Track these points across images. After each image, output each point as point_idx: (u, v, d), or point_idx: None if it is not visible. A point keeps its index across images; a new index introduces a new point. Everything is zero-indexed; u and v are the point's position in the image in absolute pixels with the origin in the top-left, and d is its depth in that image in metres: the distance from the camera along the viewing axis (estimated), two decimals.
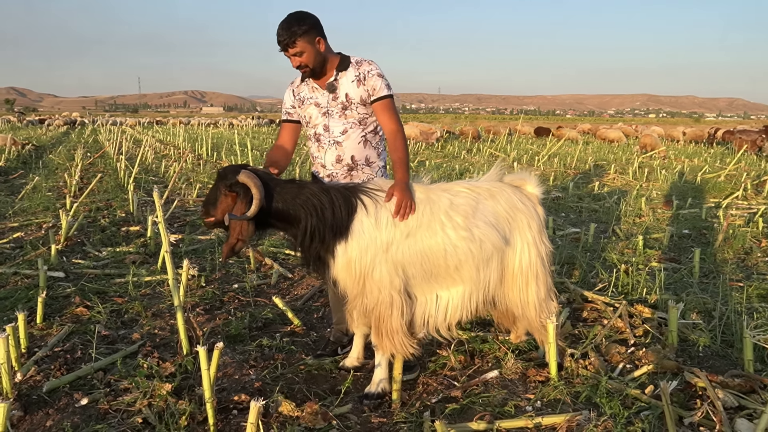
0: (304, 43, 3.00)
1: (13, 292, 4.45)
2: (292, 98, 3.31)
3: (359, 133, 3.20)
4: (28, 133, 30.37)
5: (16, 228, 6.89)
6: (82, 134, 30.92)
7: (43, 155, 17.13)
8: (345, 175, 3.23)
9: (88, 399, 2.88)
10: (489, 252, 2.92)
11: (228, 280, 4.93)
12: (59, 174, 12.21)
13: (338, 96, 3.16)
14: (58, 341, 3.57)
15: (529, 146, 21.94)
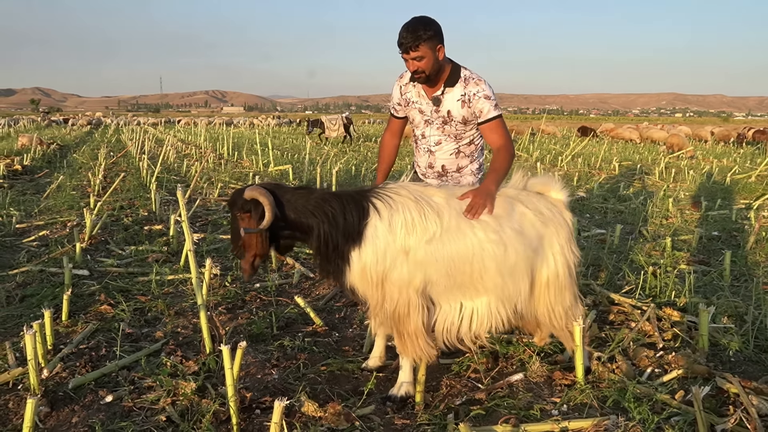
0: (426, 49, 3.06)
1: (39, 290, 4.53)
2: (399, 96, 3.44)
3: (453, 146, 3.36)
4: (52, 132, 30.95)
5: (41, 226, 7.02)
6: (105, 134, 31.42)
7: (67, 155, 17.44)
8: (435, 178, 3.46)
9: (113, 396, 2.92)
10: (513, 259, 2.80)
11: (250, 280, 4.95)
12: (83, 173, 12.41)
13: (441, 111, 3.28)
14: (83, 339, 3.62)
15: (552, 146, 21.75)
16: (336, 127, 23.31)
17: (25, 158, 14.16)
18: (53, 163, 14.91)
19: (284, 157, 15.38)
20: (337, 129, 23.27)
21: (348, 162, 14.41)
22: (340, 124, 23.27)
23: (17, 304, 4.31)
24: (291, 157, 15.32)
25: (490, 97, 3.17)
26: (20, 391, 2.96)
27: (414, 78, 3.22)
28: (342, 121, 23.36)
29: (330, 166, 12.84)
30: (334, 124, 23.42)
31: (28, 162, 13.71)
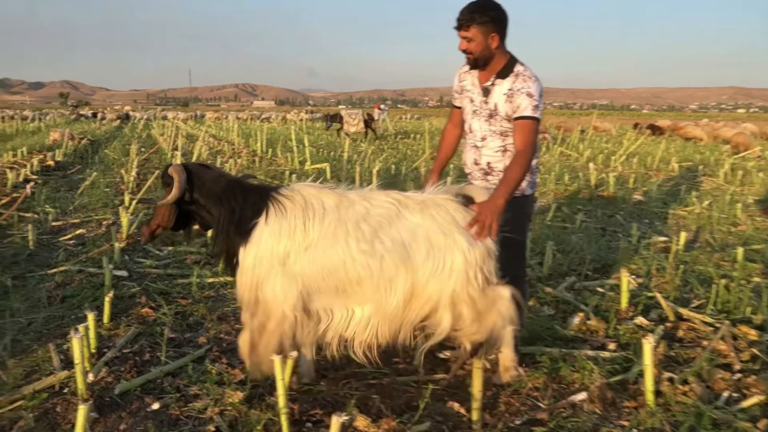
0: (477, 32, 3.10)
1: (79, 290, 4.67)
2: (457, 82, 3.48)
3: (499, 143, 3.32)
4: (82, 127, 31.83)
5: (77, 224, 7.23)
6: (134, 129, 32.18)
7: (98, 150, 17.91)
8: (481, 178, 3.41)
9: (160, 404, 2.99)
10: (391, 271, 2.81)
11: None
12: (115, 170, 12.73)
13: (489, 102, 3.27)
14: (126, 342, 3.72)
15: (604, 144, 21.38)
16: (356, 122, 23.39)
17: (57, 154, 14.59)
18: (85, 158, 15.34)
19: (320, 154, 15.49)
20: (356, 124, 23.35)
21: (387, 160, 14.44)
22: (360, 119, 23.32)
23: (58, 305, 4.45)
24: (327, 155, 15.43)
25: (533, 95, 3.12)
26: (67, 395, 3.06)
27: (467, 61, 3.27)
28: (362, 116, 23.43)
29: (368, 164, 12.88)
30: (353, 119, 23.50)
31: (60, 158, 14.13)
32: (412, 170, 12.38)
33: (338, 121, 24.49)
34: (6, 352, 3.61)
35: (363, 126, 23.18)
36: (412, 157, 15.82)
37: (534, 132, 3.14)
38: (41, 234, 6.63)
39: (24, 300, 4.52)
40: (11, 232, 6.70)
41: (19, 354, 3.60)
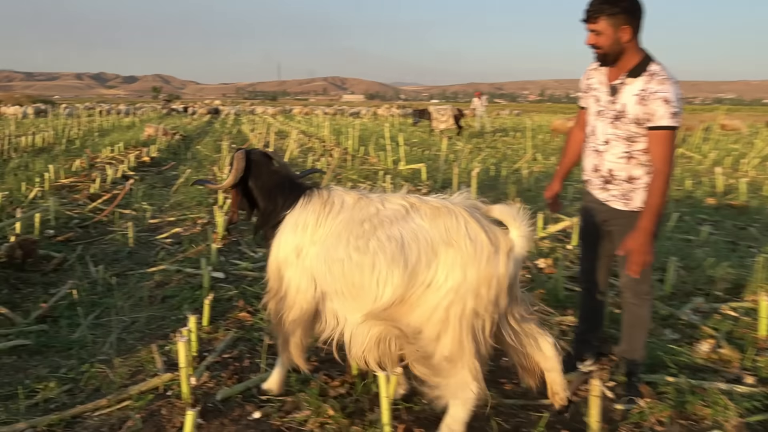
0: (606, 25, 3.03)
1: (179, 291, 4.96)
2: (584, 81, 3.42)
3: (623, 149, 3.19)
4: (174, 121, 33.63)
5: (173, 222, 7.66)
6: (224, 124, 33.63)
7: (190, 146, 18.87)
8: (600, 186, 3.32)
9: (261, 413, 3.12)
10: (384, 270, 2.72)
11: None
12: (207, 166, 13.36)
13: (616, 102, 3.16)
14: (226, 347, 3.91)
15: (732, 145, 20.19)
16: (444, 118, 23.30)
17: (152, 150, 15.50)
18: (178, 154, 16.20)
19: (414, 152, 15.58)
20: (445, 120, 23.25)
21: (485, 160, 14.32)
22: (449, 115, 23.21)
23: (159, 305, 4.74)
24: (421, 154, 15.49)
25: (670, 101, 2.95)
26: (171, 398, 3.25)
27: (595, 57, 3.19)
28: (453, 111, 23.28)
29: (466, 164, 12.81)
30: (442, 115, 23.41)
31: (155, 153, 15.01)
32: (513, 172, 12.22)
33: (426, 117, 24.56)
34: (112, 350, 3.89)
35: (452, 122, 23.11)
36: (512, 157, 15.61)
37: (673, 144, 3.01)
38: (140, 231, 7.08)
39: (127, 298, 4.85)
40: (112, 229, 7.20)
41: (124, 353, 3.87)
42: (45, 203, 7.82)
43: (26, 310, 4.54)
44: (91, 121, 29.42)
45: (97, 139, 18.91)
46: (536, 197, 9.37)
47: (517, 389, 3.49)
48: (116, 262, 5.95)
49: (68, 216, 7.56)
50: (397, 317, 2.75)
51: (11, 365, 3.72)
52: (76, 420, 3.08)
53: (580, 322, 3.72)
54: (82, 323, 4.27)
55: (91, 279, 5.28)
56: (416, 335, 2.73)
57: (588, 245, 3.56)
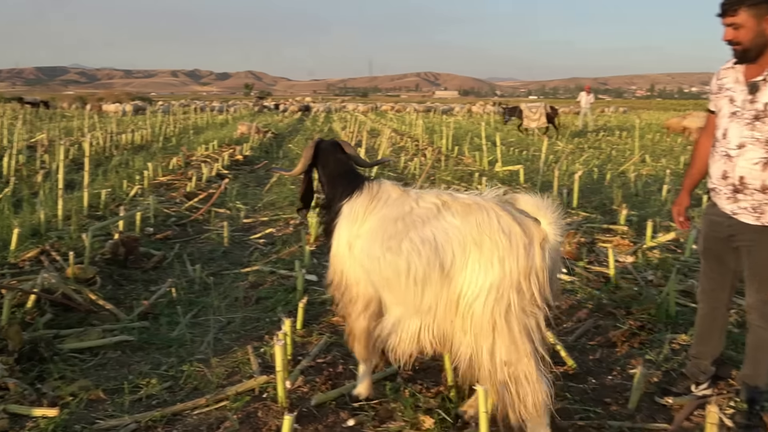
0: (747, 16, 2.90)
1: (273, 293, 5.15)
2: (715, 82, 3.27)
3: (761, 154, 3.00)
4: (266, 119, 34.77)
5: (266, 222, 7.95)
6: (315, 121, 34.45)
7: (282, 144, 19.47)
8: (728, 196, 3.13)
9: (355, 420, 3.20)
10: (420, 273, 2.77)
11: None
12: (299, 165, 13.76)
13: (756, 101, 3.00)
14: (320, 352, 4.03)
15: None
16: (536, 116, 22.82)
17: (245, 148, 16.12)
18: (270, 153, 16.77)
19: (511, 153, 15.40)
20: (537, 119, 22.77)
21: (588, 162, 13.95)
22: (541, 113, 22.72)
23: (253, 306, 4.94)
24: (519, 154, 15.29)
25: None
26: (267, 400, 3.39)
27: (734, 54, 3.03)
28: (545, 109, 22.76)
29: (567, 166, 12.52)
30: (534, 113, 22.95)
31: (247, 152, 15.60)
32: (619, 175, 11.84)
33: (517, 115, 24.22)
34: (210, 349, 4.10)
35: (545, 120, 22.67)
36: (617, 158, 15.13)
37: None
38: (234, 231, 7.39)
39: (223, 298, 5.08)
40: (207, 228, 7.56)
41: (221, 353, 4.06)
42: (145, 201, 8.31)
43: (129, 306, 4.85)
44: (186, 119, 30.89)
45: (192, 137, 19.83)
46: (644, 203, 9.06)
47: (624, 410, 3.41)
48: (212, 261, 6.24)
49: (166, 214, 8.00)
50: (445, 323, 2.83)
51: (116, 360, 3.99)
52: (176, 417, 3.28)
53: (696, 341, 3.57)
54: (180, 321, 4.52)
55: (189, 278, 5.57)
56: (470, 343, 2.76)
57: (710, 261, 3.39)
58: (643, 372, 3.41)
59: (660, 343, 4.20)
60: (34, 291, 4.43)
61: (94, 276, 5.15)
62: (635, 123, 23.17)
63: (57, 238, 6.14)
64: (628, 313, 4.70)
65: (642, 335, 4.34)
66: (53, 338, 4.07)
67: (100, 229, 6.30)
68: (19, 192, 8.77)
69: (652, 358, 4.02)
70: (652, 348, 4.17)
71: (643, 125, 28.76)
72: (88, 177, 7.84)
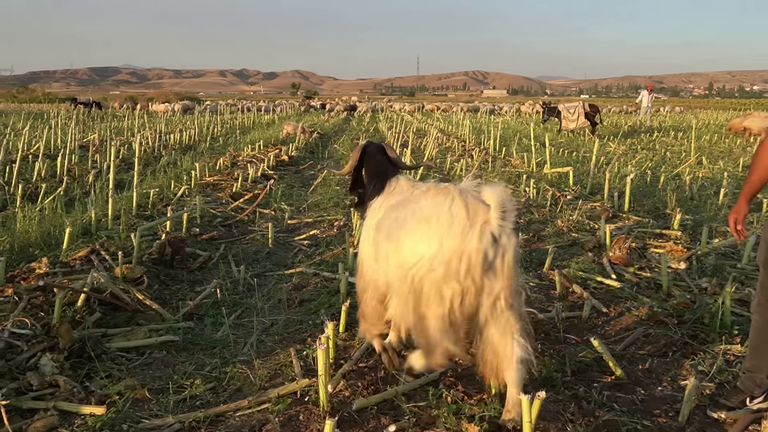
0: None
1: (316, 295, 5.20)
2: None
3: None
4: (312, 119, 35.12)
5: (310, 224, 8.04)
6: (361, 121, 34.59)
7: (327, 144, 19.64)
8: None
9: (396, 426, 3.21)
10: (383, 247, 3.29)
11: (532, 308, 5.02)
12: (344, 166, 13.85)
13: None
14: (361, 356, 4.06)
15: None
16: (574, 116, 22.43)
17: (291, 148, 16.32)
18: (315, 153, 16.94)
19: (561, 155, 15.20)
20: (575, 119, 22.38)
21: (641, 164, 13.68)
22: (580, 112, 22.31)
23: (296, 308, 5.01)
24: (569, 156, 15.08)
25: None
26: (308, 404, 3.43)
27: None
28: (582, 108, 22.35)
29: (619, 168, 12.32)
30: (572, 113, 22.58)
31: (293, 152, 15.78)
32: (673, 177, 11.58)
33: (556, 115, 23.91)
34: (253, 351, 4.17)
35: (584, 120, 22.29)
36: (672, 161, 14.79)
37: None
38: (278, 232, 7.50)
39: (266, 299, 5.17)
40: (252, 229, 7.68)
41: (263, 355, 4.13)
42: (191, 201, 8.50)
43: (175, 306, 4.97)
44: (233, 119, 31.42)
45: (238, 137, 20.20)
46: (699, 207, 8.85)
47: (674, 423, 3.34)
48: (256, 263, 6.34)
49: (212, 214, 8.15)
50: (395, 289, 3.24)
51: (161, 360, 4.09)
52: (219, 418, 3.34)
53: (751, 354, 3.48)
54: (224, 323, 4.61)
55: (233, 279, 5.67)
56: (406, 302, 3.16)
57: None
58: (695, 384, 3.34)
59: (713, 354, 4.10)
60: (84, 290, 4.57)
61: (141, 276, 5.29)
62: (692, 123, 22.61)
63: (107, 238, 6.33)
64: (681, 321, 4.60)
65: (694, 345, 4.25)
66: (101, 337, 4.20)
67: (147, 229, 6.46)
68: (72, 191, 9.09)
69: (704, 369, 3.93)
70: (705, 359, 4.07)
71: (701, 125, 28.07)
72: (138, 177, 8.05)
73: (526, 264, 6.21)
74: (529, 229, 7.72)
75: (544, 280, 5.73)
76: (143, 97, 68.79)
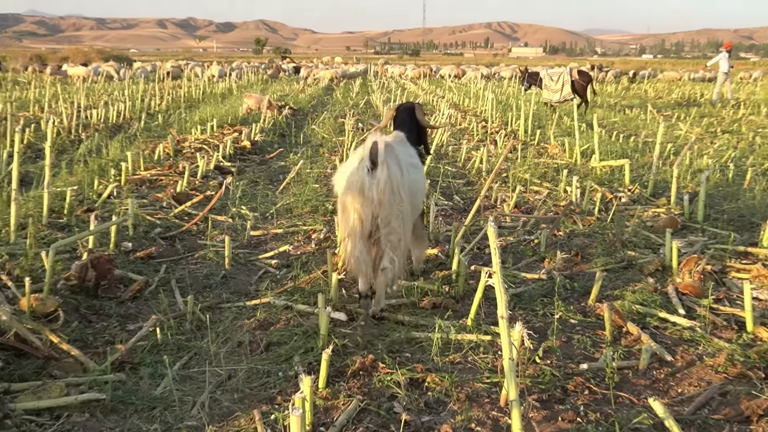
0: None
1: (288, 336, 5.26)
2: None
3: None
4: (281, 89, 35.17)
5: (280, 237, 8.10)
6: (349, 92, 34.66)
7: (303, 124, 19.69)
8: None
9: None
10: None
11: (572, 355, 5.10)
12: (326, 156, 13.91)
13: None
14: (348, 420, 4.13)
15: None
16: (558, 86, 22.60)
17: (254, 130, 16.34)
18: (287, 137, 17.00)
19: (613, 140, 15.27)
20: (559, 89, 22.55)
21: (721, 153, 13.77)
22: (565, 81, 22.46)
23: (262, 354, 5.06)
24: (624, 142, 15.14)
25: None
26: None
27: None
28: (569, 76, 22.47)
29: (691, 160, 12.33)
30: (555, 81, 22.76)
31: (257, 136, 15.82)
32: (764, 172, 11.66)
33: (537, 83, 24.22)
34: (204, 413, 4.23)
35: (569, 91, 22.44)
36: (764, 149, 14.84)
37: None
38: (238, 248, 7.58)
39: (222, 342, 5.23)
40: (203, 243, 7.74)
41: (218, 419, 4.20)
42: (122, 205, 8.56)
43: (100, 351, 5.02)
44: (176, 87, 31.41)
45: (183, 114, 20.21)
46: None
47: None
48: (208, 290, 6.41)
49: (149, 223, 8.21)
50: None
51: (83, 425, 4.14)
52: None
53: None
54: (167, 374, 4.66)
55: (178, 313, 5.73)
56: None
57: None
58: None
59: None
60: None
61: (55, 309, 5.34)
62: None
63: (9, 257, 6.38)
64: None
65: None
66: (3, 394, 4.26)
67: (64, 245, 6.51)
68: None
69: None
70: None
71: None
72: (50, 171, 7.98)
73: (566, 293, 6.28)
74: (570, 244, 7.81)
75: (589, 316, 5.80)
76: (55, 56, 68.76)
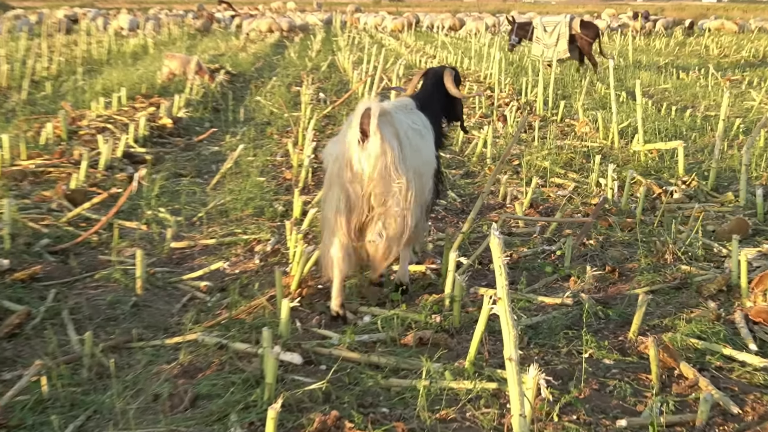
0: None
1: (222, 387, 5.20)
2: None
3: None
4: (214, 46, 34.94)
5: (211, 248, 8.03)
6: (306, 48, 34.51)
7: (245, 95, 19.54)
8: None
9: None
10: None
11: (606, 408, 5.10)
12: (275, 137, 13.80)
13: None
14: None
15: None
16: (552, 39, 22.80)
17: (177, 103, 16.10)
18: (222, 111, 16.81)
19: (662, 114, 15.29)
20: (554, 44, 22.75)
21: None
22: (561, 33, 22.66)
23: (185, 412, 5.01)
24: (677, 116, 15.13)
25: None
26: None
27: None
28: (568, 28, 22.68)
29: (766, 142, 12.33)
30: (549, 33, 22.96)
31: (181, 111, 15.63)
32: None
33: (529, 37, 24.48)
34: None
35: (565, 48, 22.61)
36: None
37: None
38: (154, 264, 7.48)
39: (132, 396, 5.16)
40: (107, 258, 7.64)
41: None
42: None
43: None
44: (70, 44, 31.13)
45: (81, 80, 19.98)
46: None
47: None
48: (113, 324, 6.29)
49: (33, 231, 8.08)
50: None
51: None
52: None
53: None
54: None
55: (72, 354, 5.65)
56: None
57: None
58: None
59: None
60: None
61: None
62: None
63: None
64: None
65: None
66: None
67: None
68: None
69: None
70: None
71: None
72: None
73: (598, 324, 6.26)
74: (603, 257, 7.81)
75: (628, 354, 5.78)
76: None
